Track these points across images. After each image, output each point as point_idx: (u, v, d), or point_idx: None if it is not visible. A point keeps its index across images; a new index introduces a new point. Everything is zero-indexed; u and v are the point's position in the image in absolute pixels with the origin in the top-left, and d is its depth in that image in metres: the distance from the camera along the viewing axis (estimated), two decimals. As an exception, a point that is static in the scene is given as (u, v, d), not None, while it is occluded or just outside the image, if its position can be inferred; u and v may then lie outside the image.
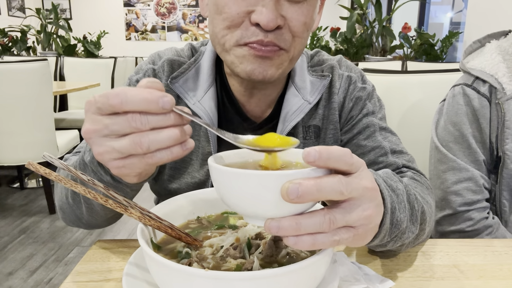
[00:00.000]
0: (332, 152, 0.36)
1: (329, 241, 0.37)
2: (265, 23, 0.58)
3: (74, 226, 0.71)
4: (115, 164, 0.44)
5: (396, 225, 0.48)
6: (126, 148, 0.42)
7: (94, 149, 0.44)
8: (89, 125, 0.43)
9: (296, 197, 0.34)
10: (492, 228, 0.85)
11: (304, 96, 0.73)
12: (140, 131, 0.41)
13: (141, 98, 0.41)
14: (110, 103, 0.41)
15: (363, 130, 0.75)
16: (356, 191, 0.37)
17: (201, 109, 0.71)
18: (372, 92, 0.79)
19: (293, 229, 0.36)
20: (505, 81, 0.86)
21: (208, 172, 0.73)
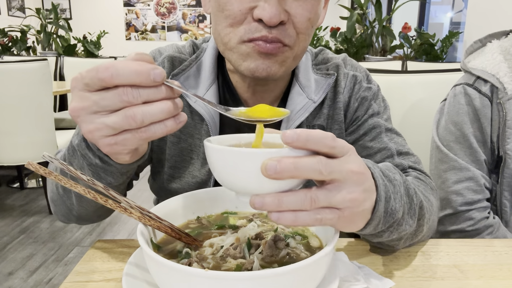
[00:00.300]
0: (311, 134, 0.37)
1: (311, 219, 0.38)
2: (268, 19, 0.57)
3: (66, 221, 0.69)
4: (106, 142, 0.43)
5: (391, 214, 0.48)
6: (119, 123, 0.41)
7: (83, 127, 0.43)
8: (76, 102, 0.42)
9: (274, 173, 0.36)
10: (492, 228, 0.85)
11: (308, 94, 0.72)
12: (132, 105, 0.41)
13: (132, 70, 0.40)
14: (100, 77, 0.40)
15: (369, 132, 0.74)
16: (339, 174, 0.39)
17: (202, 107, 0.70)
18: (378, 92, 0.78)
19: (275, 205, 0.38)
20: (506, 80, 0.86)
21: (210, 171, 0.72)
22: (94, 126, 0.42)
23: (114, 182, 0.57)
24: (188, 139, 0.73)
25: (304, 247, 0.49)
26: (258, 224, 0.54)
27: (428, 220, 0.61)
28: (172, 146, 0.74)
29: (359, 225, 0.45)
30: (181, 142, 0.74)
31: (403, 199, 0.51)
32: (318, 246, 0.50)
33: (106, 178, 0.55)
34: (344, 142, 0.41)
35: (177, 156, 0.74)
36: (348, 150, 0.40)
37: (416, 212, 0.54)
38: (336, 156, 0.39)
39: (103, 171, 0.54)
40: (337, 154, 0.39)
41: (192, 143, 0.73)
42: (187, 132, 0.73)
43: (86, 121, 0.42)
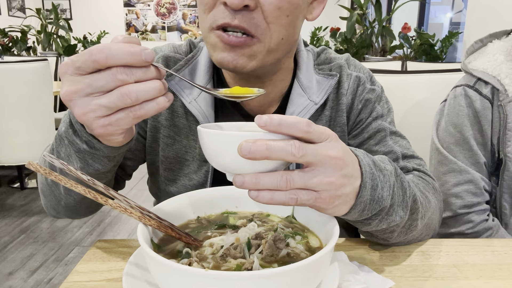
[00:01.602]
0: (285, 118, 0.40)
1: (287, 198, 0.41)
2: (230, 1, 0.55)
3: (55, 214, 0.69)
4: (100, 123, 0.44)
5: (378, 201, 0.48)
6: (114, 102, 0.43)
7: (76, 110, 0.44)
8: (68, 86, 0.43)
9: (248, 153, 0.39)
10: (492, 231, 0.85)
11: (310, 96, 0.70)
12: (126, 83, 0.42)
13: (125, 51, 0.42)
14: (94, 59, 0.41)
15: (373, 135, 0.73)
16: (314, 157, 0.41)
17: (196, 108, 0.69)
18: (381, 94, 0.77)
19: (254, 184, 0.41)
20: (507, 82, 0.85)
21: (206, 173, 0.71)
22: (89, 108, 0.43)
23: (101, 169, 0.56)
24: (183, 141, 0.73)
25: (304, 247, 0.49)
26: (258, 224, 0.54)
27: (423, 216, 0.60)
28: (166, 148, 0.73)
29: (342, 209, 0.46)
30: (175, 144, 0.73)
31: (394, 189, 0.51)
32: (318, 246, 0.50)
33: (93, 164, 0.55)
34: (324, 128, 0.43)
35: (172, 158, 0.73)
36: (328, 137, 0.43)
37: (408, 204, 0.54)
38: (313, 142, 0.42)
39: (91, 157, 0.54)
40: (314, 139, 0.42)
41: (187, 145, 0.73)
42: (181, 134, 0.72)
43: (80, 104, 0.43)
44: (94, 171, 0.56)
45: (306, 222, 0.55)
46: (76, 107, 0.44)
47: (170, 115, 0.73)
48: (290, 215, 0.57)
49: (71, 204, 0.65)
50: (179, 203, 0.56)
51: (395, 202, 0.52)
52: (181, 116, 0.72)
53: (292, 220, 0.57)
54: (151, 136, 0.74)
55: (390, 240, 0.60)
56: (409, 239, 0.62)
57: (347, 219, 0.51)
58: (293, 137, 0.41)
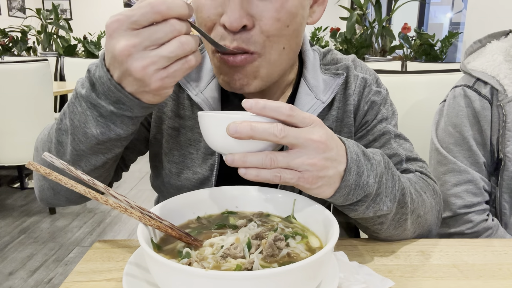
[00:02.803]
0: (269, 102, 0.44)
1: (271, 176, 0.46)
2: (229, 24, 0.55)
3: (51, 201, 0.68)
4: (159, 75, 0.46)
5: (363, 187, 0.51)
6: (175, 51, 0.45)
7: (135, 64, 0.45)
8: (126, 41, 0.45)
9: (235, 132, 0.43)
10: (491, 231, 0.85)
11: (316, 95, 0.70)
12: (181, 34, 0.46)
13: (180, 4, 0.45)
14: (156, 10, 0.44)
15: (378, 138, 0.74)
16: (295, 139, 0.45)
17: (203, 100, 0.68)
18: (386, 97, 0.77)
19: (242, 162, 0.46)
20: (506, 82, 0.86)
21: (212, 167, 0.71)
22: (149, 60, 0.45)
23: (123, 134, 0.55)
24: (187, 133, 0.72)
25: (304, 247, 0.50)
26: (258, 224, 0.54)
27: (413, 212, 0.62)
28: (170, 140, 0.73)
29: (327, 191, 0.50)
30: (180, 136, 0.72)
31: (381, 179, 0.54)
32: (318, 246, 0.50)
33: (115, 129, 0.54)
34: (308, 114, 0.47)
35: (176, 150, 0.73)
36: (312, 122, 0.46)
37: (396, 196, 0.57)
38: (298, 126, 0.46)
39: (114, 120, 0.53)
40: (297, 123, 0.46)
41: (192, 137, 0.72)
42: (186, 126, 0.72)
43: (139, 57, 0.45)
44: (116, 136, 0.55)
45: (306, 222, 0.55)
46: (135, 61, 0.45)
47: (176, 106, 0.72)
48: (290, 215, 0.57)
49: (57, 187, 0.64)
50: (179, 203, 0.56)
51: (382, 192, 0.54)
52: (186, 108, 0.72)
53: (292, 220, 0.57)
54: (155, 127, 0.74)
55: (380, 232, 0.62)
56: (400, 234, 0.64)
57: (334, 202, 0.54)
58: (278, 120, 0.45)
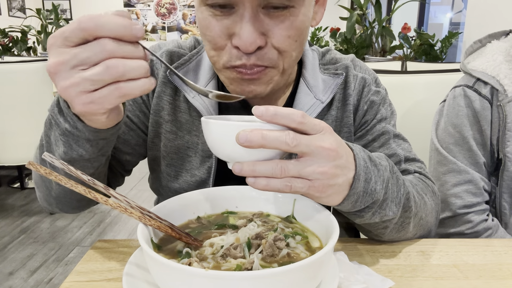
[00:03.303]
0: (280, 109, 0.42)
1: (282, 185, 0.44)
2: (244, 48, 0.55)
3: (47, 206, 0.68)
4: (82, 100, 0.43)
5: (371, 194, 0.51)
6: (100, 74, 0.41)
7: (60, 84, 0.42)
8: (54, 58, 0.42)
9: (245, 141, 0.41)
10: (491, 231, 0.85)
11: (316, 94, 0.71)
12: (114, 57, 0.41)
13: (116, 22, 0.41)
14: (83, 27, 0.40)
15: (377, 138, 0.74)
16: (307, 147, 0.43)
17: (200, 102, 0.69)
18: (385, 97, 0.77)
19: (251, 171, 0.43)
20: (506, 82, 0.85)
21: (209, 169, 0.71)
22: (72, 80, 0.42)
23: (85, 155, 0.55)
24: (185, 136, 0.72)
25: (304, 247, 0.50)
26: (258, 224, 0.54)
27: (416, 215, 0.62)
28: (168, 143, 0.73)
29: (336, 198, 0.48)
30: (177, 139, 0.73)
31: (388, 184, 0.53)
32: (318, 246, 0.50)
33: (77, 149, 0.54)
34: (319, 121, 0.45)
35: (174, 154, 0.73)
36: (323, 129, 0.45)
37: (401, 201, 0.56)
38: (308, 133, 0.44)
39: (75, 140, 0.53)
40: (308, 130, 0.44)
41: (190, 140, 0.72)
42: (184, 129, 0.72)
43: (64, 76, 0.42)
44: (78, 156, 0.55)
45: (306, 222, 0.55)
46: (60, 80, 0.42)
47: (173, 110, 0.72)
48: (290, 215, 0.57)
49: (61, 195, 0.64)
50: (179, 203, 0.56)
51: (388, 197, 0.54)
52: (183, 111, 0.72)
53: (292, 220, 0.57)
54: (152, 131, 0.74)
55: (383, 236, 0.62)
56: (402, 236, 0.64)
57: (341, 209, 0.53)
58: (289, 128, 0.43)
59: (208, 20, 0.57)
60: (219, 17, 0.57)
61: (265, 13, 0.56)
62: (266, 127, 0.43)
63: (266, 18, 0.56)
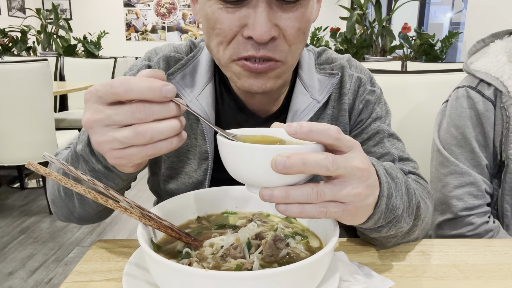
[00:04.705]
0: (315, 125, 0.40)
1: (317, 212, 0.41)
2: (259, 37, 0.55)
3: (66, 221, 0.70)
4: (113, 155, 0.45)
5: (392, 210, 0.50)
6: (129, 139, 0.43)
7: (94, 138, 0.45)
8: (90, 114, 0.44)
9: (283, 168, 0.38)
10: (493, 233, 0.84)
11: (312, 94, 0.71)
12: (143, 122, 0.42)
13: (145, 86, 0.42)
14: (114, 91, 0.42)
15: (372, 136, 0.74)
16: (345, 169, 0.40)
17: (197, 106, 0.69)
18: (381, 96, 0.78)
19: (283, 198, 0.40)
20: (510, 84, 0.84)
21: (205, 171, 0.72)
22: (105, 138, 0.44)
23: (115, 187, 0.58)
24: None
25: (304, 247, 0.50)
26: (258, 224, 0.54)
27: (422, 221, 0.62)
28: None
29: (362, 219, 0.46)
30: None
31: (403, 197, 0.52)
32: (318, 246, 0.50)
33: (107, 183, 0.57)
34: (349, 137, 0.43)
35: (174, 157, 0.74)
36: (354, 145, 0.43)
37: (413, 211, 0.56)
38: (341, 150, 0.42)
39: (105, 177, 0.56)
40: (341, 147, 0.41)
41: (189, 143, 0.73)
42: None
43: (98, 132, 0.44)
44: None
45: (306, 222, 0.55)
46: (94, 135, 0.45)
47: None
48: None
49: (84, 216, 0.66)
50: (179, 203, 0.56)
51: (404, 209, 0.53)
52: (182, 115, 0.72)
53: (292, 220, 0.57)
54: None
55: (389, 244, 0.62)
56: (406, 241, 0.65)
57: (360, 227, 0.51)
58: (324, 144, 0.41)
59: (218, 13, 0.57)
60: (230, 9, 0.57)
61: (278, 5, 0.56)
62: (301, 149, 0.40)
63: (279, 10, 0.57)
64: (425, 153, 1.02)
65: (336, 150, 0.42)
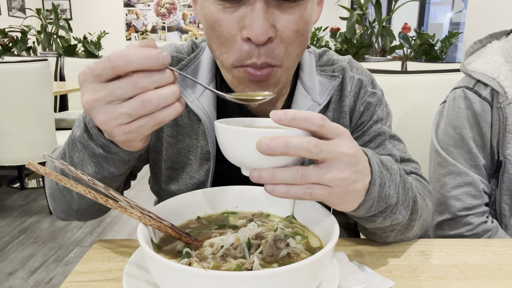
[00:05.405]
0: (298, 112, 0.42)
1: (302, 192, 0.43)
2: (255, 37, 0.55)
3: (65, 217, 0.69)
4: (121, 130, 0.45)
5: (385, 199, 0.51)
6: (136, 109, 0.43)
7: (98, 118, 0.44)
8: (89, 95, 0.44)
9: (267, 149, 0.40)
10: (491, 232, 0.85)
11: (313, 97, 0.71)
12: (147, 91, 0.43)
13: (143, 55, 0.42)
14: (113, 66, 0.42)
15: (374, 139, 0.75)
16: (329, 153, 0.42)
17: (199, 107, 0.69)
18: (382, 98, 0.78)
19: (270, 178, 0.42)
20: (507, 84, 0.85)
21: (207, 172, 0.72)
22: (110, 115, 0.44)
23: (116, 172, 0.57)
24: (185, 140, 0.73)
25: (304, 247, 0.50)
26: (258, 224, 0.54)
27: (420, 217, 0.62)
28: (169, 147, 0.73)
29: (352, 205, 0.48)
30: (178, 143, 0.73)
31: (399, 188, 0.54)
32: (318, 246, 0.50)
33: (108, 168, 0.55)
34: (337, 125, 0.44)
35: (175, 157, 0.74)
36: (341, 133, 0.44)
37: (409, 204, 0.57)
38: (327, 137, 0.44)
39: (106, 161, 0.54)
40: (327, 134, 0.43)
41: (190, 144, 0.73)
42: (184, 133, 0.73)
43: (101, 112, 0.44)
44: (109, 174, 0.56)
45: (306, 222, 0.55)
46: (97, 115, 0.44)
47: None
48: (290, 215, 0.57)
49: (83, 208, 0.65)
50: (179, 203, 0.56)
51: (399, 201, 0.54)
52: (183, 115, 0.72)
53: (292, 220, 0.57)
54: (154, 135, 0.74)
55: (388, 238, 0.62)
56: (405, 238, 0.65)
57: (354, 215, 0.53)
58: (308, 131, 0.43)
59: (216, 14, 0.57)
60: (228, 9, 0.56)
61: (275, 5, 0.56)
62: (287, 133, 0.42)
63: (277, 10, 0.56)
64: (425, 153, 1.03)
65: (323, 137, 0.43)
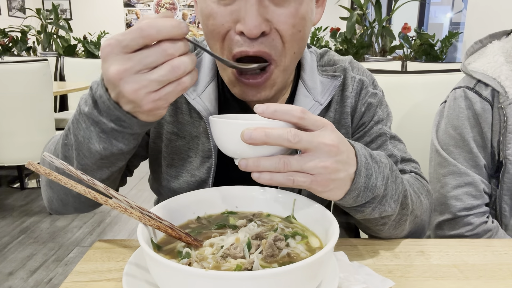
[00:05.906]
0: (280, 105, 0.45)
1: (284, 179, 0.46)
2: (248, 31, 0.55)
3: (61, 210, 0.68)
4: (151, 98, 0.47)
5: (371, 189, 0.52)
6: (166, 76, 0.45)
7: (127, 88, 0.46)
8: (118, 65, 0.45)
9: (249, 139, 0.44)
10: (491, 233, 0.85)
11: (315, 96, 0.71)
12: (173, 57, 0.45)
13: (171, 25, 0.44)
14: (145, 35, 0.44)
15: (375, 139, 0.75)
16: (309, 143, 0.45)
17: (201, 104, 0.69)
18: (382, 99, 0.78)
19: (255, 166, 0.46)
20: (508, 84, 0.85)
21: (209, 170, 0.71)
22: (141, 84, 0.45)
23: (125, 148, 0.56)
24: (186, 137, 0.73)
25: (304, 247, 0.50)
26: (258, 224, 0.54)
27: (412, 213, 0.63)
28: (169, 144, 0.73)
29: (337, 193, 0.50)
30: (178, 140, 0.73)
31: (388, 181, 0.55)
32: (318, 246, 0.50)
33: (117, 144, 0.54)
34: (319, 118, 0.47)
35: (175, 154, 0.73)
36: (323, 125, 0.47)
37: (399, 198, 0.58)
38: (309, 129, 0.46)
39: (115, 137, 0.54)
40: (309, 126, 0.46)
41: (190, 141, 0.73)
42: (185, 130, 0.73)
43: (130, 81, 0.45)
44: (118, 150, 0.55)
45: (306, 222, 0.55)
46: (127, 85, 0.46)
47: (174, 111, 0.73)
48: (290, 215, 0.57)
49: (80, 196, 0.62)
50: (179, 203, 0.56)
51: (388, 194, 0.55)
52: (184, 112, 0.72)
53: (292, 220, 0.57)
54: (154, 132, 0.74)
55: (381, 232, 0.63)
56: (399, 234, 0.65)
57: (342, 204, 0.54)
58: (291, 123, 0.46)
59: (211, 7, 0.58)
60: (223, 2, 0.57)
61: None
62: (270, 125, 0.45)
63: (271, 4, 0.56)
64: (425, 153, 1.03)
65: (305, 128, 0.46)
